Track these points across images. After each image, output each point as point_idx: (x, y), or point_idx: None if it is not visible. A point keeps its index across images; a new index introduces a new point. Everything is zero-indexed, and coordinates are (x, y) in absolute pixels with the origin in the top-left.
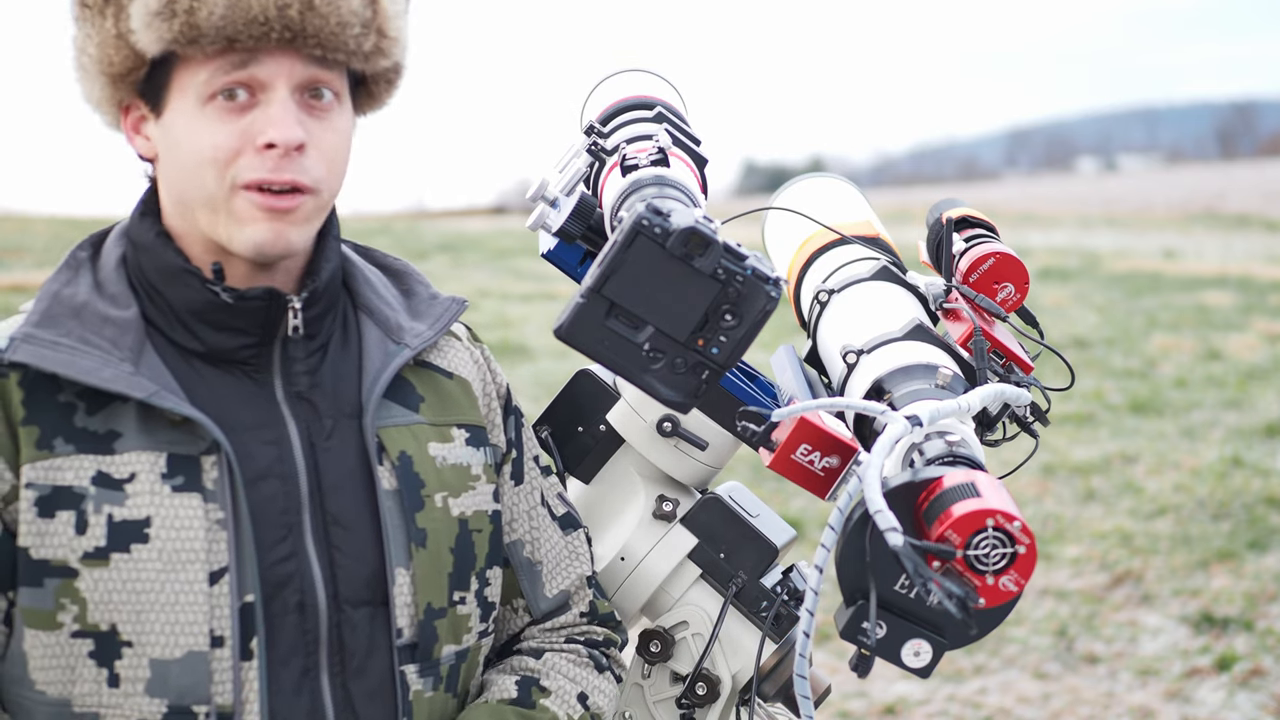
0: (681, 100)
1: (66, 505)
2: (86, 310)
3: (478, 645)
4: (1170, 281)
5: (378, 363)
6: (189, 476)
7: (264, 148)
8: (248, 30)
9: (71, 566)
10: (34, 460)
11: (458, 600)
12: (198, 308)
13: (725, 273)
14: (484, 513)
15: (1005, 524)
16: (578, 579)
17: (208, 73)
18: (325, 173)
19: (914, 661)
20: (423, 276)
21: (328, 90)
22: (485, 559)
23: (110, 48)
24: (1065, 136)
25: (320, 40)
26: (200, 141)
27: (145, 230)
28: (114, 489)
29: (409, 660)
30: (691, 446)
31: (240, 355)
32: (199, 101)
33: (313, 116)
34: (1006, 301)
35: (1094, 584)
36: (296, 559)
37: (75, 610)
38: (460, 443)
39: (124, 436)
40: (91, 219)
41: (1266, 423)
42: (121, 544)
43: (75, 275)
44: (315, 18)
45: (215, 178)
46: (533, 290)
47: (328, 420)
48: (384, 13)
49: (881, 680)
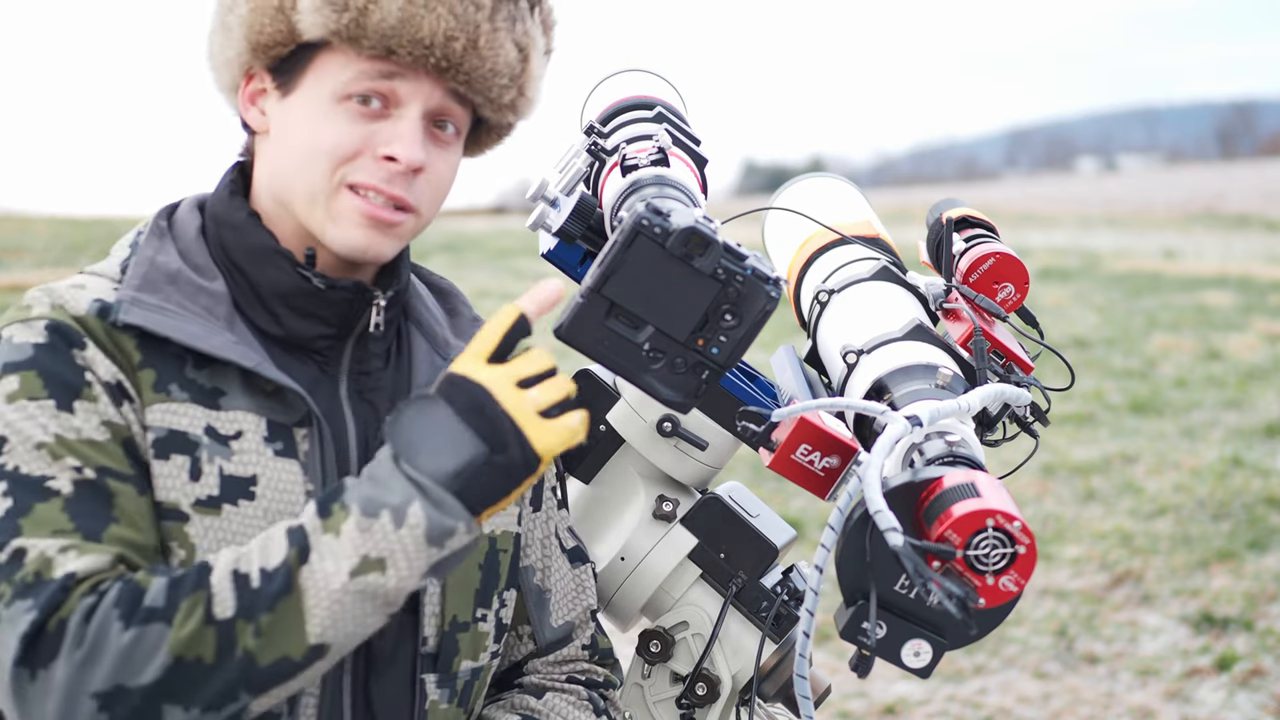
0: (681, 100)
1: (182, 450)
2: (180, 278)
3: (489, 666)
4: (1170, 281)
5: (426, 375)
6: (286, 444)
7: (384, 158)
8: (410, 48)
9: (183, 511)
10: (152, 403)
11: (480, 617)
12: (285, 291)
13: (725, 273)
14: (510, 534)
15: (1005, 524)
16: (583, 611)
17: (353, 73)
18: (430, 199)
19: (914, 662)
20: (466, 299)
21: (453, 124)
22: (505, 580)
23: (266, 16)
24: (1065, 136)
25: (470, 80)
26: (322, 133)
27: (235, 209)
28: (223, 444)
29: (430, 669)
30: (691, 446)
31: (316, 345)
32: (334, 96)
33: (434, 143)
34: (1006, 301)
35: (1094, 584)
36: None
37: (183, 555)
38: None
39: (229, 395)
40: (91, 219)
41: (1266, 423)
42: (232, 496)
43: (162, 244)
44: (474, 57)
45: (325, 171)
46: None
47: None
48: (531, 72)
49: (881, 680)
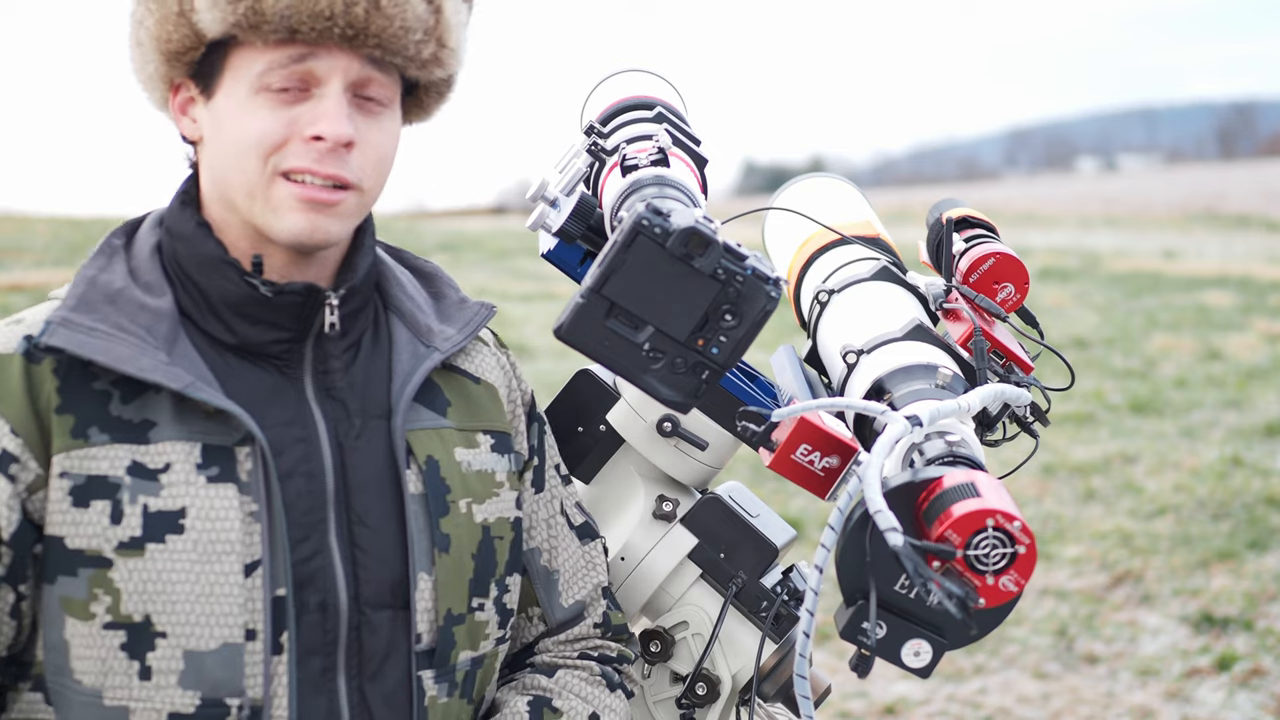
0: (681, 100)
1: (101, 495)
2: (122, 297)
3: (495, 652)
4: (1170, 281)
5: (407, 365)
6: (224, 467)
7: (312, 139)
8: (311, 23)
9: (106, 556)
10: (68, 450)
11: (476, 607)
12: (234, 300)
13: (725, 273)
14: (506, 520)
15: (1005, 524)
16: (594, 589)
17: (264, 63)
18: (370, 171)
19: (914, 661)
20: (452, 280)
21: (380, 92)
22: (505, 566)
23: (170, 24)
24: (1065, 136)
25: (381, 41)
26: (247, 128)
27: (185, 220)
28: (149, 479)
29: (426, 666)
30: (691, 446)
31: (273, 350)
32: (251, 89)
33: (363, 115)
34: (1006, 301)
35: (1094, 584)
36: (320, 558)
37: (109, 601)
38: (486, 449)
39: (159, 426)
40: (91, 219)
41: (1266, 423)
42: (157, 534)
43: (110, 261)
44: (380, 18)
45: (257, 164)
46: (533, 290)
47: (356, 420)
48: (446, 23)
49: (881, 680)
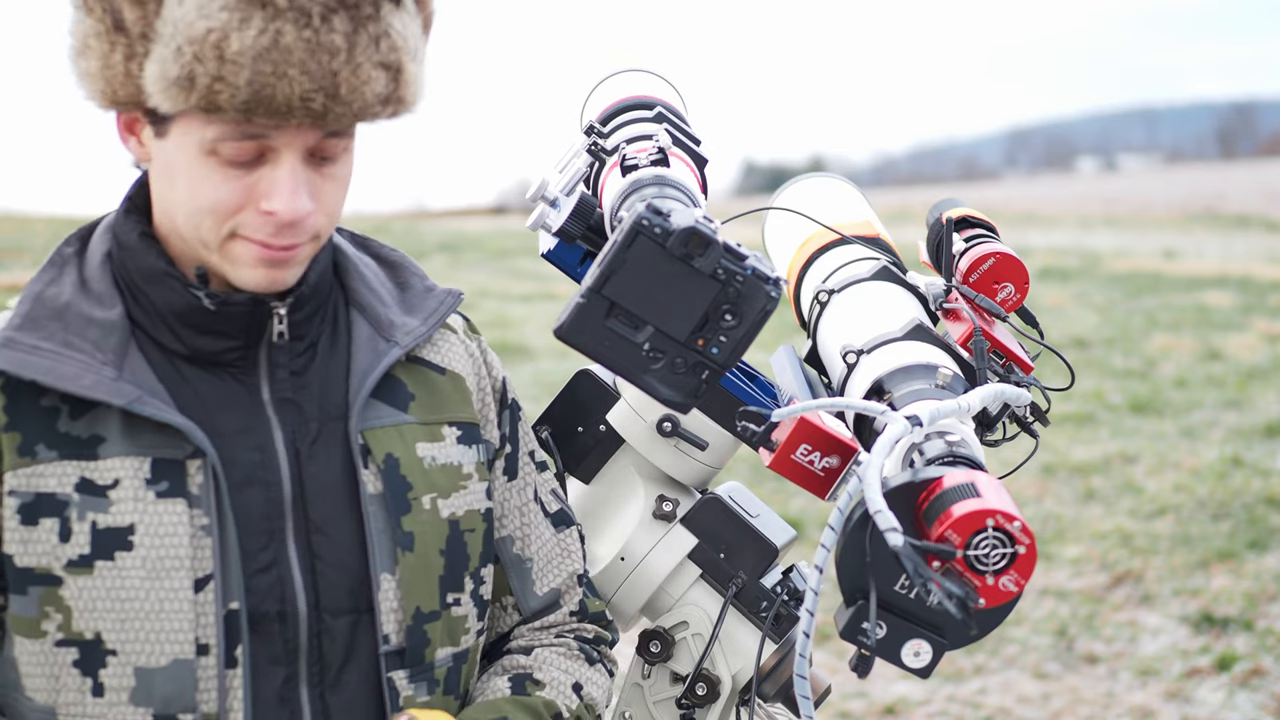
0: (681, 100)
1: (50, 513)
2: (70, 311)
3: (476, 644)
4: (1170, 281)
5: (366, 363)
6: (173, 482)
7: (266, 213)
8: (268, 116)
9: (55, 574)
10: (16, 467)
11: (452, 602)
12: (180, 310)
13: (725, 273)
14: (476, 512)
15: (1005, 524)
16: (568, 577)
17: (216, 132)
18: (327, 217)
19: (914, 662)
20: (419, 268)
21: (337, 146)
22: (479, 558)
23: (116, 82)
24: (1065, 136)
25: (340, 121)
26: (201, 194)
27: (129, 229)
28: (98, 495)
29: (397, 666)
30: (691, 446)
31: (225, 358)
32: (201, 151)
33: (320, 172)
34: (1006, 301)
35: (1094, 584)
36: (278, 568)
37: (59, 619)
38: (451, 441)
39: (107, 442)
40: (91, 219)
41: (1266, 423)
42: (105, 552)
43: (60, 274)
44: (338, 106)
45: (213, 224)
46: (533, 290)
47: (313, 424)
48: (407, 81)
49: (881, 680)
